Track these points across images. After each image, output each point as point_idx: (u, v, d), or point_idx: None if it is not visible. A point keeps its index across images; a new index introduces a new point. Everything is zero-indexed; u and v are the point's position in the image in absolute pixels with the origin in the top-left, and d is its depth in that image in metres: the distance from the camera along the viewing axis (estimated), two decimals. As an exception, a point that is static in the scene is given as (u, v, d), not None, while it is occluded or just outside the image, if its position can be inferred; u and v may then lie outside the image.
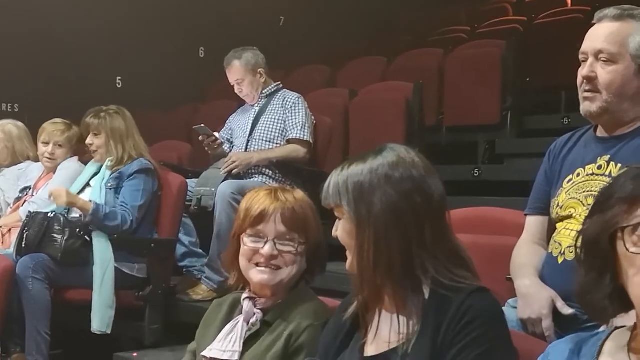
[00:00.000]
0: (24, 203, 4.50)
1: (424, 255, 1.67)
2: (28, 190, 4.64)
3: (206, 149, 4.75)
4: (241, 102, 5.01)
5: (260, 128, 4.66)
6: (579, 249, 1.40)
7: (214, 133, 4.73)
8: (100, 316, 3.95)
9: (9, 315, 3.83)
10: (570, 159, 2.32)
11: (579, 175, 2.25)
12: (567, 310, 2.10)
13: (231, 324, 2.11)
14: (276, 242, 2.06)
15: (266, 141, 4.62)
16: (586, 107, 2.23)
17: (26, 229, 4.02)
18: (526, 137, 5.97)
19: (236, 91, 4.84)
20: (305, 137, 4.59)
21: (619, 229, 1.32)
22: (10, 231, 4.38)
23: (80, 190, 4.30)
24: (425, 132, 5.49)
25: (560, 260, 2.18)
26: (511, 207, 2.86)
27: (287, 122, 4.61)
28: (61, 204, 4.04)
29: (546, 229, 2.35)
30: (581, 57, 2.25)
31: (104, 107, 4.34)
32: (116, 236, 4.03)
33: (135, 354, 3.88)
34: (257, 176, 4.51)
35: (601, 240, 1.35)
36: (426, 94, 5.58)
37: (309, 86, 6.06)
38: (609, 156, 2.20)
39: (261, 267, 2.07)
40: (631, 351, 1.36)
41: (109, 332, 3.96)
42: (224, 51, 4.95)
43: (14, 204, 4.62)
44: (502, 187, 5.01)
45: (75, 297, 4.07)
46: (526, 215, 2.44)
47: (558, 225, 2.26)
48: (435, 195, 1.71)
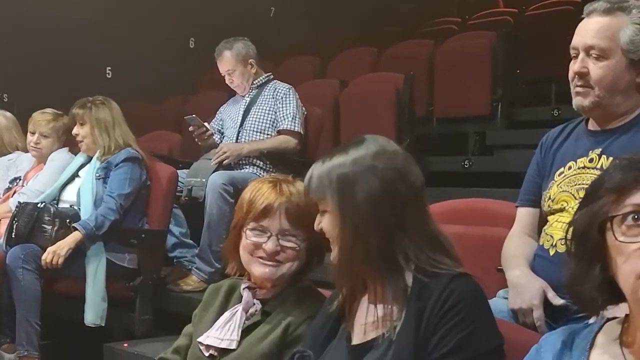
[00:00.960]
0: (13, 194, 4.49)
1: (406, 242, 1.69)
2: (18, 180, 4.63)
3: (196, 139, 4.73)
4: (232, 93, 5.00)
5: (251, 119, 4.65)
6: (568, 241, 1.40)
7: (204, 124, 4.72)
8: (94, 309, 3.94)
9: (-1, 305, 3.85)
10: (562, 151, 2.32)
11: (570, 168, 2.25)
12: (557, 301, 2.10)
13: (229, 312, 2.10)
14: (279, 238, 2.05)
15: (257, 132, 4.62)
16: (578, 101, 2.22)
17: (16, 219, 4.01)
18: (516, 128, 5.99)
19: (227, 82, 4.83)
20: (296, 128, 4.59)
21: (607, 218, 1.33)
22: (-1, 221, 4.37)
23: (69, 180, 4.29)
24: (415, 123, 5.50)
25: (551, 253, 2.18)
26: (501, 199, 2.86)
27: (277, 113, 4.61)
28: (60, 258, 3.92)
29: (537, 221, 2.35)
30: (572, 52, 2.24)
31: (90, 98, 4.32)
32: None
33: (125, 345, 3.87)
34: (247, 167, 4.51)
35: (590, 230, 1.35)
36: (416, 85, 5.59)
37: (299, 77, 6.06)
38: (600, 149, 2.20)
39: (263, 261, 2.06)
40: (623, 344, 1.36)
41: (102, 324, 3.97)
42: (214, 41, 4.94)
43: (3, 195, 4.61)
44: (492, 178, 5.02)
45: (65, 288, 4.07)
46: (517, 207, 2.44)
47: (550, 217, 2.27)
48: (417, 183, 1.74)
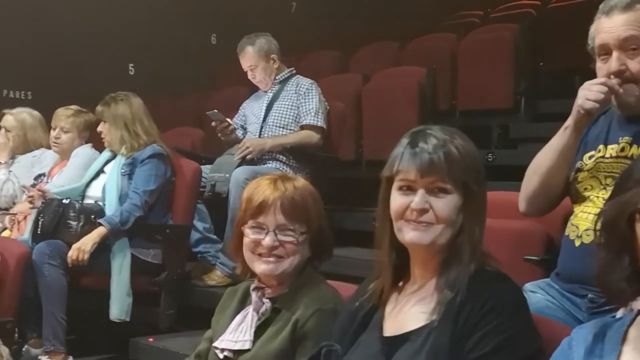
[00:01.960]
0: (38, 190, 4.52)
1: (477, 233, 1.73)
2: (42, 177, 4.67)
3: (219, 135, 4.74)
4: (254, 88, 5.00)
5: (274, 114, 4.66)
6: (597, 231, 1.40)
7: (226, 119, 4.73)
8: (120, 304, 3.97)
9: (26, 301, 3.88)
10: (593, 134, 2.29)
11: (600, 151, 2.23)
12: None
13: (241, 314, 2.13)
14: (277, 233, 2.07)
15: (280, 127, 4.62)
16: (623, 99, 2.15)
17: (41, 215, 4.04)
18: (540, 121, 5.93)
19: (249, 77, 4.84)
20: (319, 123, 4.58)
21: (637, 210, 1.32)
22: (25, 218, 4.40)
23: (94, 176, 4.32)
24: (438, 117, 5.47)
25: (577, 244, 2.17)
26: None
27: (300, 108, 4.61)
28: (86, 254, 3.94)
29: None
30: (600, 52, 2.18)
31: (113, 94, 4.34)
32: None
33: (151, 339, 3.90)
34: (270, 162, 4.51)
35: (620, 221, 1.34)
36: (439, 79, 5.56)
37: (321, 71, 6.05)
38: (631, 138, 2.17)
39: (264, 257, 2.08)
40: None
41: (127, 319, 3.99)
42: (235, 37, 4.95)
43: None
44: (516, 171, 4.98)
45: (90, 283, 4.10)
46: None
47: (575, 208, 2.25)
48: None
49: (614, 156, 2.19)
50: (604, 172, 2.19)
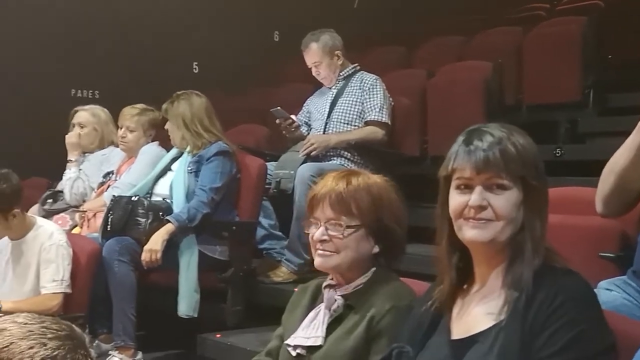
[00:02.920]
0: (107, 187, 4.60)
1: (539, 230, 1.69)
2: (111, 175, 4.74)
3: (283, 132, 4.76)
4: (317, 85, 5.00)
5: (338, 110, 4.65)
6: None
7: (290, 116, 4.74)
8: (188, 300, 4.01)
9: (96, 297, 3.94)
10: None
11: None
12: None
13: (314, 312, 2.14)
14: (327, 227, 2.10)
15: (344, 123, 4.62)
16: None
17: (111, 212, 4.10)
18: (609, 115, 5.81)
19: (314, 74, 4.84)
20: (384, 119, 4.56)
21: None
22: (95, 215, 4.48)
23: (161, 174, 4.37)
24: (504, 112, 5.40)
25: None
26: (594, 187, 2.79)
27: (365, 104, 4.60)
28: (158, 253, 3.97)
29: None
30: None
31: (178, 93, 4.38)
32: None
33: (218, 335, 3.93)
34: (335, 158, 4.51)
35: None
36: (505, 73, 5.49)
37: (385, 67, 6.02)
38: None
39: (319, 251, 2.11)
40: None
41: (195, 315, 4.02)
42: (298, 34, 4.95)
43: (97, 189, 4.73)
44: (585, 166, 4.89)
45: (158, 279, 4.15)
46: None
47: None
48: None
49: None
50: None
